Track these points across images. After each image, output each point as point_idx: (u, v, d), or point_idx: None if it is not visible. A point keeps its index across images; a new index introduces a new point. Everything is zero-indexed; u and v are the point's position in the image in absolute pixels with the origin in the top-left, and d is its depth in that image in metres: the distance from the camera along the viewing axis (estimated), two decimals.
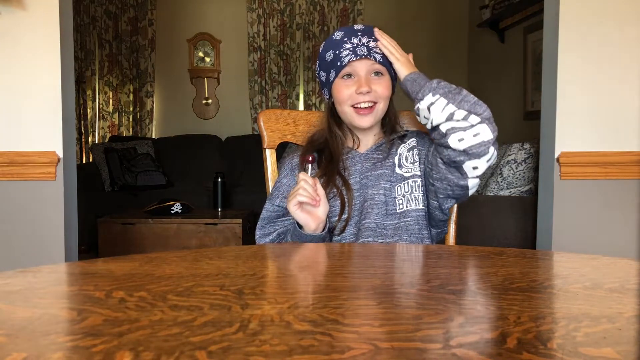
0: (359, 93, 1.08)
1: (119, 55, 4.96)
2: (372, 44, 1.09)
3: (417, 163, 1.12)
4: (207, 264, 0.69)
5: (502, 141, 3.41)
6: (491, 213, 2.31)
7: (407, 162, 1.12)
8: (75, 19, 4.53)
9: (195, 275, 0.63)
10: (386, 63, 1.10)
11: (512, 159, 2.36)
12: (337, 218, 1.09)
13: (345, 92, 1.10)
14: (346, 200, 1.09)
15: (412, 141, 1.15)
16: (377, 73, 1.10)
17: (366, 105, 1.09)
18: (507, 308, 0.50)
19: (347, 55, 1.08)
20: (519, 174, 2.34)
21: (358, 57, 1.08)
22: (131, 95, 5.00)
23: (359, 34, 1.10)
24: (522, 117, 3.86)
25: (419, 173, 1.11)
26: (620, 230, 1.88)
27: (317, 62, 1.16)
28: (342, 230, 1.09)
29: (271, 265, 0.76)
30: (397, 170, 1.11)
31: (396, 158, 1.13)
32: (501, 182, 2.37)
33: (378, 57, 1.09)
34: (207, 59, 5.02)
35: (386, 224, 1.08)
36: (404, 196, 1.09)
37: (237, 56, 5.00)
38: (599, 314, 0.49)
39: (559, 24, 1.85)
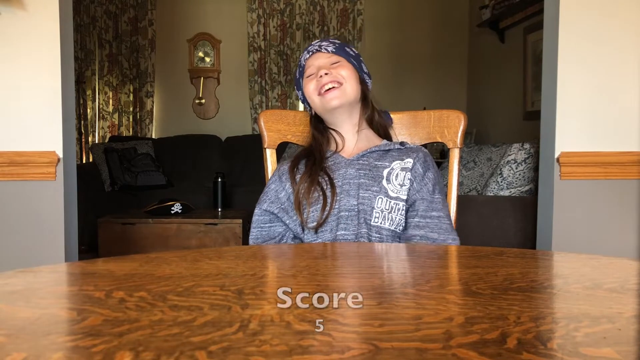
0: (320, 77, 1.14)
1: (119, 55, 4.96)
2: (323, 43, 1.17)
3: (405, 187, 1.09)
4: (207, 264, 0.69)
5: (502, 141, 3.41)
6: (491, 213, 2.31)
7: (396, 180, 1.09)
8: (75, 19, 4.52)
9: (195, 275, 0.63)
10: (341, 53, 1.17)
11: (512, 159, 2.36)
12: (319, 215, 1.08)
13: (310, 86, 1.16)
14: (328, 198, 1.07)
15: (409, 162, 1.11)
16: (335, 63, 1.16)
17: (330, 86, 1.13)
18: (507, 308, 0.50)
19: (303, 58, 1.19)
20: (519, 174, 2.34)
21: (310, 54, 1.18)
22: (131, 95, 5.00)
23: (317, 41, 1.20)
24: (522, 117, 3.86)
25: (403, 197, 1.08)
26: (620, 230, 1.88)
27: (296, 88, 1.25)
28: (320, 225, 1.07)
29: (271, 265, 0.76)
30: (384, 183, 1.09)
31: (386, 171, 1.10)
32: (501, 182, 2.37)
33: (330, 48, 1.16)
34: (207, 59, 5.02)
35: (362, 231, 1.06)
36: (382, 211, 1.06)
37: (237, 56, 5.00)
38: (599, 314, 0.49)
39: (559, 24, 1.84)
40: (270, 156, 1.26)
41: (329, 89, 1.12)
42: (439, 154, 4.57)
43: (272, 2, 4.94)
